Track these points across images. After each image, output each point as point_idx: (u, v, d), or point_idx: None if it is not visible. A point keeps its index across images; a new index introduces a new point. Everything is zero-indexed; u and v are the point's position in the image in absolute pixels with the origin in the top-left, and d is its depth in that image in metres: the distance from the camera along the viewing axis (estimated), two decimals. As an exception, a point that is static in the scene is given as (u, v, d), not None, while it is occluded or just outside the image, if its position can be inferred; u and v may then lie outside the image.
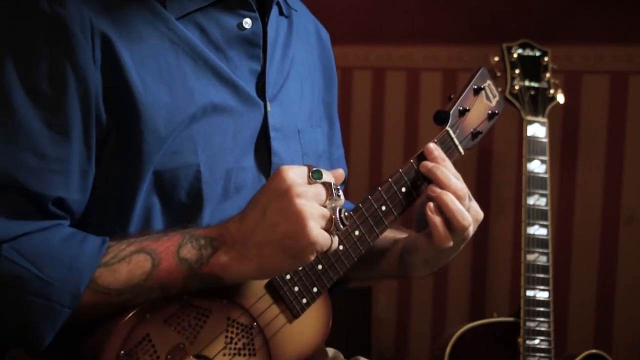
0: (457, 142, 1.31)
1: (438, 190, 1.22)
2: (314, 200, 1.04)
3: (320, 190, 1.05)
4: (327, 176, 1.07)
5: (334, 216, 1.05)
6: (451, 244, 1.23)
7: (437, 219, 1.21)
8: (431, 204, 1.22)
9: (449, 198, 1.21)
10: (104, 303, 1.04)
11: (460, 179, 1.25)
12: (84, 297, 1.02)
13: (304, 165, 1.07)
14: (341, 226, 1.06)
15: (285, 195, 1.02)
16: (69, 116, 1.05)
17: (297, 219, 1.01)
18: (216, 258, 1.05)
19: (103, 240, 1.05)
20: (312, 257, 1.05)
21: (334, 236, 1.07)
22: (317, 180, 1.05)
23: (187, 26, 1.15)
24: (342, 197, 1.07)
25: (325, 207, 1.05)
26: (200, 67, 1.15)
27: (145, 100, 1.08)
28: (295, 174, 1.04)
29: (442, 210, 1.21)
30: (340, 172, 1.13)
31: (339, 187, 1.08)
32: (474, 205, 1.28)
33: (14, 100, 1.02)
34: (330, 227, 1.05)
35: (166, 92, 1.10)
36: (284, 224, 1.02)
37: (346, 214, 1.07)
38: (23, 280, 1.00)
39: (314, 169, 1.06)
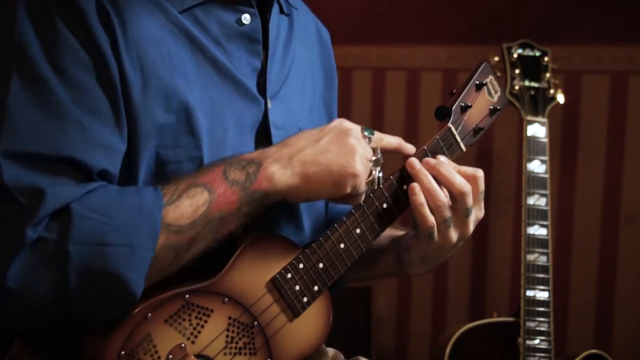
0: (459, 139, 1.31)
1: (433, 161, 1.24)
2: (365, 151, 1.16)
3: (369, 149, 1.17)
4: (376, 136, 1.21)
5: (374, 172, 1.18)
6: (434, 224, 1.22)
7: (419, 200, 1.21)
8: (414, 185, 1.22)
9: (445, 168, 1.23)
10: (177, 243, 1.04)
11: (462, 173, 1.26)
12: (160, 239, 1.02)
13: None
14: (376, 184, 1.19)
15: (345, 132, 1.15)
16: (96, 96, 1.05)
17: (349, 152, 1.13)
18: (262, 172, 1.10)
19: (154, 187, 1.06)
20: (349, 190, 1.14)
21: (367, 190, 1.18)
22: (369, 136, 1.18)
23: (188, 20, 1.15)
24: (382, 161, 1.19)
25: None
26: (200, 60, 1.15)
27: (142, 88, 1.08)
28: (353, 124, 1.17)
29: (439, 180, 1.22)
30: (392, 140, 1.25)
31: (379, 152, 1.19)
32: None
33: (48, 80, 1.02)
34: (368, 178, 1.17)
35: (167, 81, 1.11)
36: (336, 152, 1.13)
37: (382, 177, 1.20)
38: (101, 234, 0.99)
39: (366, 127, 1.19)
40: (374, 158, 1.17)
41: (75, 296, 0.99)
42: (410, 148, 1.26)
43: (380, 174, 1.18)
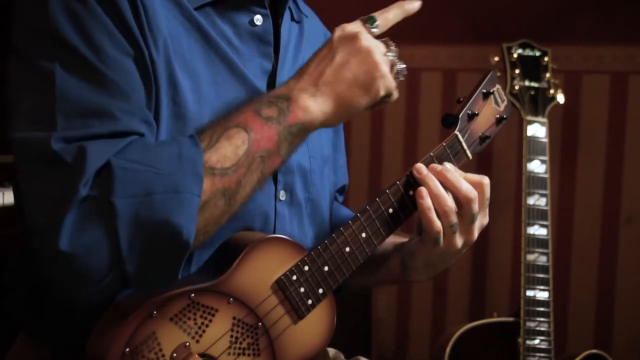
0: (465, 147, 1.31)
1: (439, 167, 1.23)
2: (379, 46, 1.12)
3: (380, 42, 1.14)
4: (381, 19, 1.16)
5: (396, 63, 1.14)
6: (440, 229, 1.22)
7: (427, 204, 1.21)
8: (421, 189, 1.22)
9: (452, 174, 1.22)
10: (224, 187, 1.03)
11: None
12: (206, 184, 1.01)
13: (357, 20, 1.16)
14: (402, 74, 1.16)
15: (354, 38, 1.12)
16: (134, 76, 1.05)
17: (367, 55, 1.10)
18: (295, 105, 1.09)
19: (190, 134, 1.06)
20: (383, 92, 1.13)
21: (397, 80, 1.15)
22: (372, 27, 1.14)
23: (202, 17, 1.16)
24: (395, 46, 1.15)
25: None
26: (212, 58, 1.16)
27: (161, 76, 1.09)
28: (354, 25, 1.14)
29: (446, 186, 1.22)
30: (394, 11, 1.20)
31: (391, 42, 1.15)
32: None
33: (89, 59, 1.02)
34: (394, 70, 1.14)
35: (178, 74, 1.11)
36: (355, 60, 1.10)
37: (404, 66, 1.16)
38: (145, 183, 0.97)
39: (365, 17, 1.15)
40: (388, 48, 1.15)
41: (129, 252, 0.97)
42: (411, 7, 1.24)
43: (403, 65, 1.16)
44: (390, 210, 1.23)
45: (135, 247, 0.97)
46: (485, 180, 1.26)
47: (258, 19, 1.21)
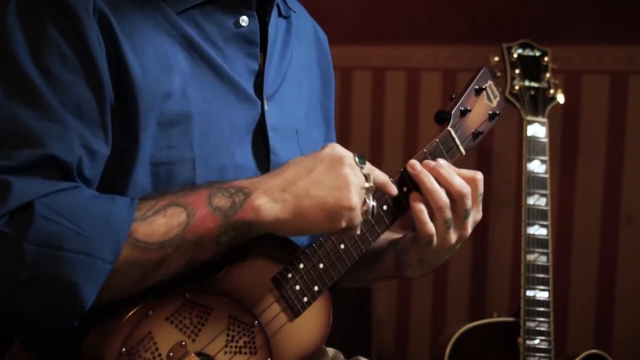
0: (458, 142, 1.32)
1: (432, 163, 1.24)
2: (359, 180, 1.11)
3: (362, 176, 1.12)
4: (368, 165, 1.15)
5: (368, 201, 1.11)
6: (433, 233, 1.23)
7: (419, 206, 1.23)
8: (415, 194, 1.23)
9: (445, 170, 1.23)
10: (143, 261, 1.01)
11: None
12: (123, 253, 1.00)
13: None
14: (370, 213, 1.12)
15: (339, 161, 1.10)
16: (83, 98, 1.05)
17: (344, 183, 1.08)
18: (249, 202, 1.06)
19: (132, 198, 1.04)
20: (344, 224, 1.09)
21: (363, 219, 1.12)
22: (360, 163, 1.13)
23: (186, 22, 1.15)
24: (374, 189, 1.14)
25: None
26: (197, 62, 1.15)
27: (144, 87, 1.09)
28: (346, 151, 1.13)
29: (439, 182, 1.23)
30: (379, 175, 1.19)
31: (371, 178, 1.14)
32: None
33: (33, 79, 1.02)
34: (362, 208, 1.11)
35: (163, 82, 1.11)
36: (330, 183, 1.08)
37: (376, 206, 1.15)
38: (61, 238, 0.97)
39: (358, 154, 1.14)
40: (367, 185, 1.12)
41: (25, 295, 0.98)
42: (393, 190, 1.22)
43: (374, 203, 1.13)
44: (385, 207, 1.24)
45: (32, 293, 0.98)
46: (479, 175, 1.26)
47: (244, 20, 1.21)
